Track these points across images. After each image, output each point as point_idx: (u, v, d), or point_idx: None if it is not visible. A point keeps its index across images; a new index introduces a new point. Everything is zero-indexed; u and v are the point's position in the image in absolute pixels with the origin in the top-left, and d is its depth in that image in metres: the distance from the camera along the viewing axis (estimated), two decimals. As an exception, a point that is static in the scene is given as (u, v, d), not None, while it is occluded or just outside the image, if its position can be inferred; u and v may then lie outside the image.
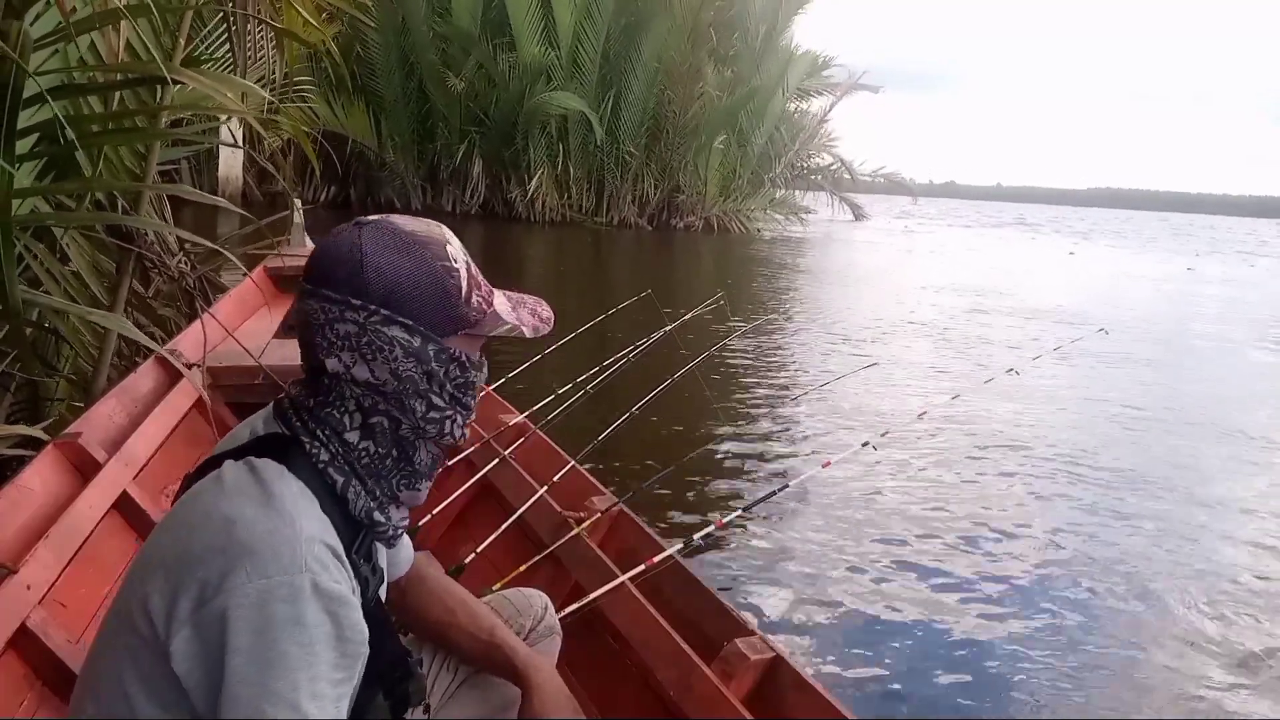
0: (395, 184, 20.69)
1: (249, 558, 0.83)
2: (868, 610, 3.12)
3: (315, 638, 0.83)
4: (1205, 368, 8.65)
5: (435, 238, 0.98)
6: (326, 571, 0.86)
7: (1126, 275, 19.31)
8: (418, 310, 0.95)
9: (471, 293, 0.99)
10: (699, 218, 21.24)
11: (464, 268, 0.98)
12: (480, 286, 1.00)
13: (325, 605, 0.84)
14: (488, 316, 1.00)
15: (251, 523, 0.85)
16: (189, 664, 0.82)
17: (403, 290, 0.94)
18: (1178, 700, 2.75)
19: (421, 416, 0.99)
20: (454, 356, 0.99)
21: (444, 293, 0.96)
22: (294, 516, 0.88)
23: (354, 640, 0.88)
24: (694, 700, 1.58)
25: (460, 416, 1.03)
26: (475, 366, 1.02)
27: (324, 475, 0.95)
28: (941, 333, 9.32)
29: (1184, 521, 4.25)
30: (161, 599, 0.84)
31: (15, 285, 2.08)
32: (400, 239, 0.96)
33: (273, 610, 0.81)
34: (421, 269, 0.95)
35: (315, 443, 0.96)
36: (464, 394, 1.02)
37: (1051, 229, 42.45)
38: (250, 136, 12.84)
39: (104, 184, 2.78)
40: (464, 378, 1.01)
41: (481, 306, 1.00)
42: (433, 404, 0.99)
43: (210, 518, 0.87)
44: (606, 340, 3.66)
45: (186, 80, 2.38)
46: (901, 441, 4.82)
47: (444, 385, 0.99)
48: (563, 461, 2.46)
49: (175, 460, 2.36)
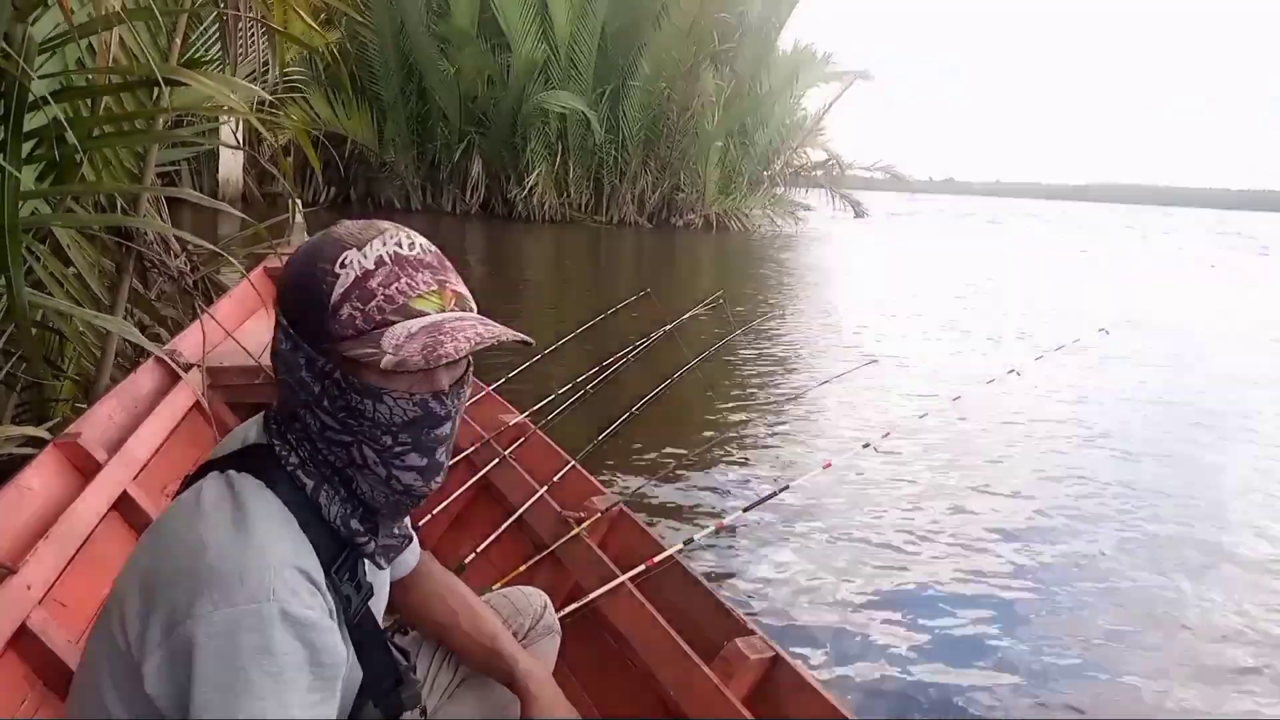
0: (395, 184, 20.73)
1: (217, 585, 0.82)
2: (868, 610, 3.12)
3: (285, 665, 0.82)
4: (1218, 361, 8.64)
5: (348, 240, 0.91)
6: (296, 597, 0.84)
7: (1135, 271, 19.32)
8: (294, 313, 0.92)
9: (344, 304, 0.88)
10: (699, 216, 21.25)
11: (351, 277, 0.88)
12: (370, 301, 0.88)
13: (296, 632, 0.83)
14: (363, 338, 0.88)
15: (221, 547, 0.84)
16: (160, 687, 0.83)
17: (286, 291, 0.94)
18: (1178, 701, 2.75)
19: (319, 433, 0.93)
20: (325, 371, 0.90)
21: (313, 299, 0.90)
22: (265, 540, 0.86)
23: (329, 664, 0.86)
24: (694, 700, 1.59)
25: (372, 452, 0.91)
26: (361, 392, 0.89)
27: (295, 480, 0.93)
28: (943, 331, 9.31)
29: (1191, 521, 4.25)
30: (136, 620, 0.84)
31: (22, 286, 2.09)
32: (317, 240, 0.93)
33: (240, 639, 0.80)
34: (303, 270, 0.91)
35: (285, 447, 0.95)
36: (357, 421, 0.90)
37: (1050, 225, 42.42)
38: (250, 137, 12.87)
39: (110, 186, 2.80)
40: (343, 399, 0.90)
41: (354, 322, 0.88)
42: (325, 424, 0.92)
43: (182, 539, 0.87)
44: (606, 340, 3.66)
45: (190, 81, 2.38)
46: (902, 442, 4.82)
47: (333, 403, 0.91)
48: (563, 461, 2.46)
49: (175, 460, 2.37)
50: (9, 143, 1.97)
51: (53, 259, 2.71)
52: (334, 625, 0.90)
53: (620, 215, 20.83)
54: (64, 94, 2.43)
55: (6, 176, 1.95)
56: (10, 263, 2.00)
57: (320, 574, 0.91)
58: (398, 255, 0.91)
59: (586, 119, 19.17)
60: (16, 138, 2.00)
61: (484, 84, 19.22)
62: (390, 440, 0.92)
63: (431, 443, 0.94)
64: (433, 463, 0.96)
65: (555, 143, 20.05)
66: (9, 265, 2.01)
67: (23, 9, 2.06)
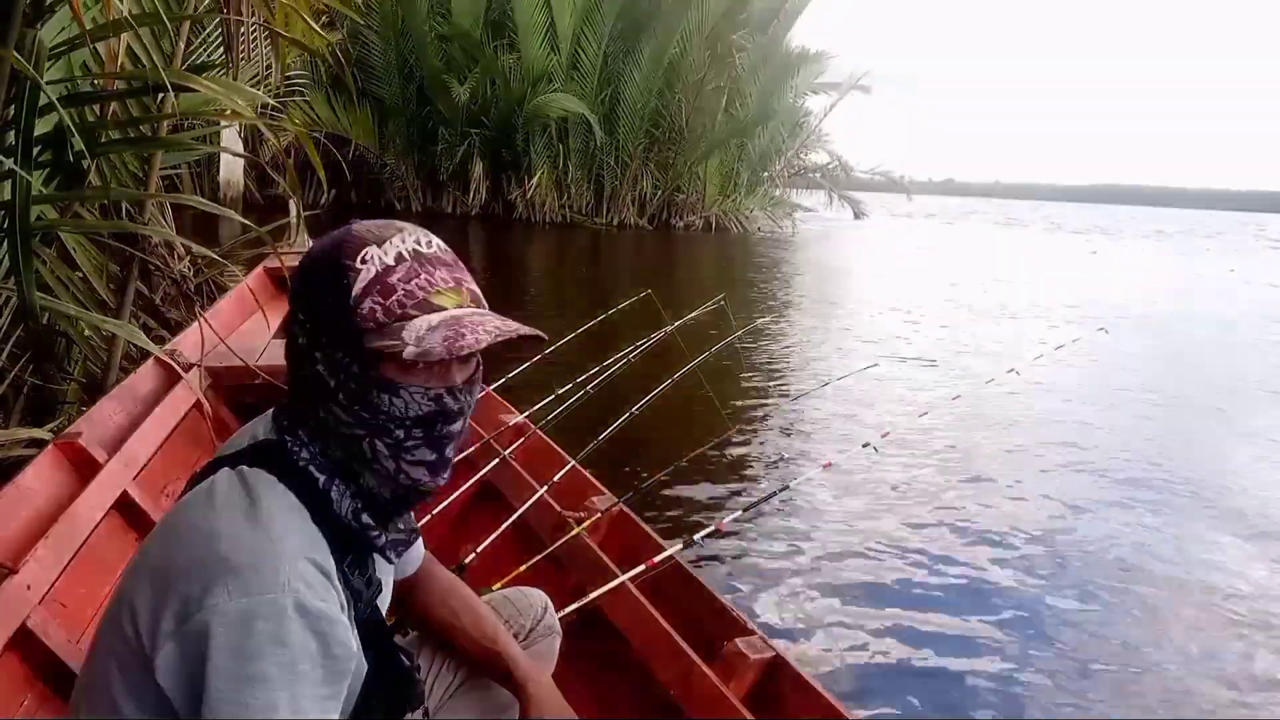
0: (396, 186, 20.75)
1: (231, 575, 0.82)
2: (868, 610, 3.12)
3: (298, 657, 0.82)
4: (1217, 358, 8.65)
5: (368, 237, 0.92)
6: (311, 589, 0.85)
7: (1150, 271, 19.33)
8: (312, 308, 0.93)
9: (366, 298, 0.89)
10: (699, 217, 21.26)
11: (372, 272, 0.90)
12: (391, 295, 0.90)
13: (310, 624, 0.83)
14: (383, 330, 0.89)
15: (235, 538, 0.85)
16: (172, 679, 0.83)
17: (307, 286, 0.94)
18: (1180, 701, 2.75)
19: (332, 428, 0.94)
20: (343, 365, 0.91)
21: (333, 293, 0.91)
22: (280, 532, 0.87)
23: (341, 657, 0.87)
24: (694, 700, 1.59)
25: (384, 445, 0.93)
26: (380, 386, 0.91)
27: (305, 475, 0.94)
28: (943, 331, 9.31)
29: (1194, 521, 4.25)
30: (147, 611, 0.84)
31: (34, 289, 2.11)
32: (334, 237, 0.94)
33: (254, 630, 0.81)
34: (323, 266, 0.92)
35: (297, 442, 0.95)
36: (372, 415, 0.92)
37: (1046, 224, 42.42)
38: (251, 139, 12.89)
39: (119, 193, 2.82)
40: (361, 393, 0.91)
41: (375, 316, 0.89)
42: (339, 418, 0.93)
43: (196, 530, 0.87)
44: (607, 340, 3.66)
45: (198, 87, 2.39)
46: (902, 442, 4.83)
47: (349, 397, 0.92)
48: (563, 461, 2.46)
49: (175, 460, 2.37)
50: (20, 147, 1.98)
51: (59, 263, 2.72)
52: (346, 620, 0.90)
53: (620, 217, 20.84)
54: (71, 99, 2.44)
55: (19, 180, 1.96)
56: (22, 265, 2.01)
57: (333, 566, 0.91)
58: (417, 252, 0.93)
59: (588, 121, 19.17)
60: (27, 142, 2.01)
61: (487, 86, 19.22)
62: (403, 434, 0.93)
63: (443, 438, 0.95)
64: (442, 458, 0.97)
65: (556, 145, 20.06)
66: (20, 268, 2.02)
67: (32, 14, 2.07)
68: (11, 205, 1.99)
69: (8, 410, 2.55)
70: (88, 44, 2.25)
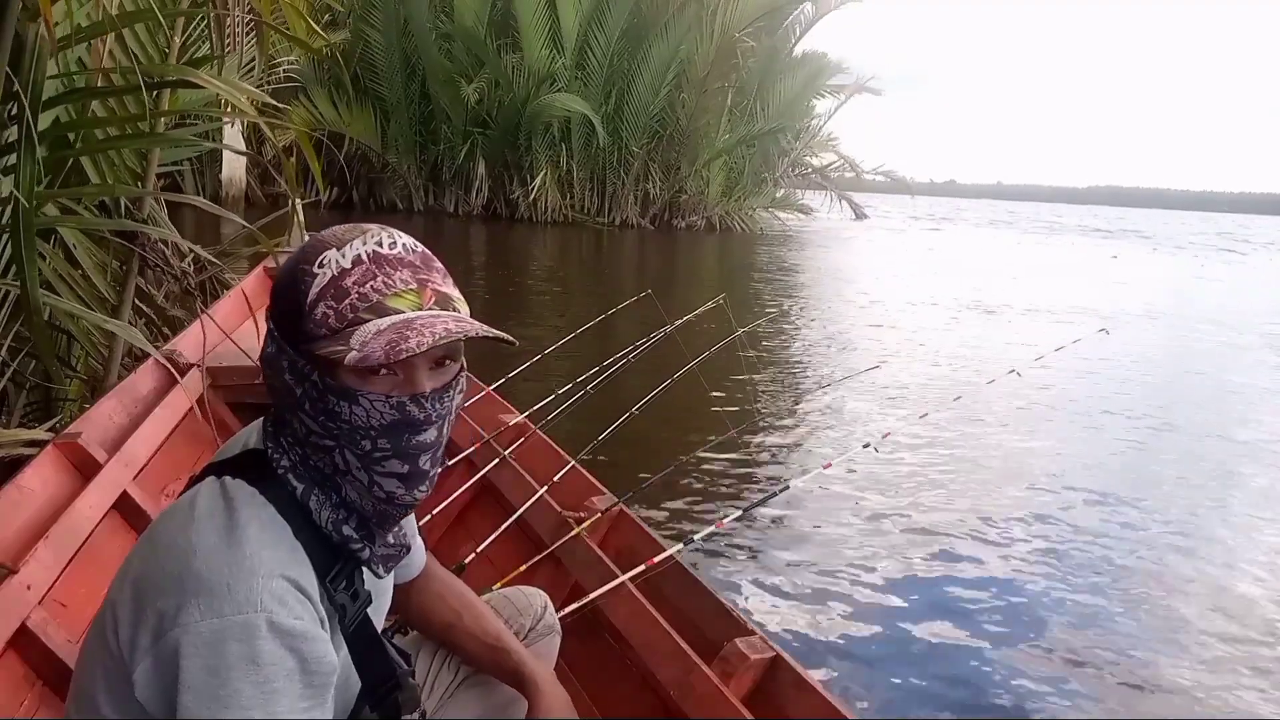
0: (398, 185, 20.75)
1: (204, 594, 0.81)
2: (868, 610, 3.12)
3: (272, 675, 0.81)
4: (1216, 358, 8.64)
5: (330, 241, 0.90)
6: (284, 607, 0.83)
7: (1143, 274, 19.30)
8: (277, 315, 0.92)
9: (319, 303, 0.87)
10: (701, 217, 21.26)
11: (327, 276, 0.87)
12: (344, 299, 0.86)
13: (284, 642, 0.82)
14: (335, 336, 0.86)
15: (209, 555, 0.83)
16: (149, 693, 0.83)
17: (272, 293, 0.93)
18: (1180, 701, 2.75)
19: (305, 438, 0.92)
20: (303, 373, 0.88)
21: (292, 299, 0.89)
22: (254, 549, 0.85)
23: (320, 671, 0.86)
24: (694, 700, 1.59)
25: (353, 457, 0.89)
26: (337, 394, 0.87)
27: (287, 485, 0.92)
28: (944, 332, 9.31)
29: (1195, 523, 4.24)
30: (127, 625, 0.84)
31: (37, 287, 2.10)
32: (306, 243, 0.93)
33: (226, 649, 0.80)
34: (287, 272, 0.91)
35: (278, 450, 0.94)
36: (335, 424, 0.88)
37: (1046, 225, 42.40)
38: (252, 138, 12.89)
39: (120, 190, 2.81)
40: (321, 402, 0.88)
41: (327, 321, 0.86)
42: (309, 428, 0.90)
43: (174, 544, 0.86)
44: (607, 340, 3.66)
45: (199, 82, 2.38)
46: (903, 442, 4.82)
47: (313, 405, 0.89)
48: (563, 461, 2.46)
49: (175, 460, 2.37)
50: (23, 143, 1.97)
51: (60, 260, 2.72)
52: (325, 635, 0.89)
53: (623, 217, 20.83)
54: (69, 95, 2.44)
55: (21, 176, 1.96)
56: (25, 262, 2.01)
57: (313, 582, 0.90)
58: (376, 254, 0.89)
59: (591, 121, 19.17)
60: (30, 138, 2.00)
61: (490, 86, 19.22)
62: (370, 445, 0.89)
63: (413, 449, 0.90)
64: (415, 470, 0.92)
65: (559, 144, 20.05)
66: (24, 263, 2.01)
67: (33, 8, 2.07)
68: (14, 200, 1.98)
69: (10, 406, 2.55)
70: (89, 41, 2.24)
